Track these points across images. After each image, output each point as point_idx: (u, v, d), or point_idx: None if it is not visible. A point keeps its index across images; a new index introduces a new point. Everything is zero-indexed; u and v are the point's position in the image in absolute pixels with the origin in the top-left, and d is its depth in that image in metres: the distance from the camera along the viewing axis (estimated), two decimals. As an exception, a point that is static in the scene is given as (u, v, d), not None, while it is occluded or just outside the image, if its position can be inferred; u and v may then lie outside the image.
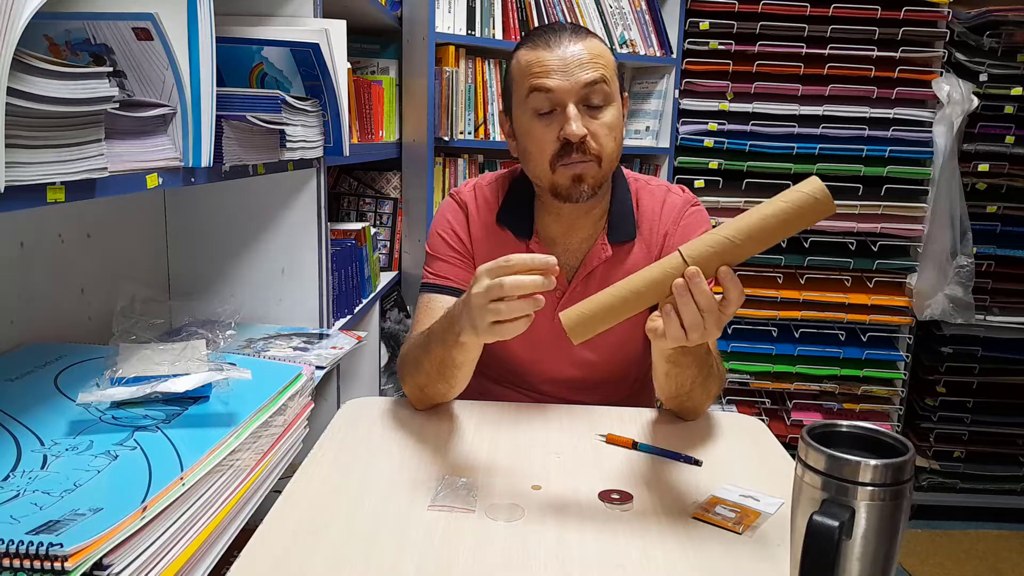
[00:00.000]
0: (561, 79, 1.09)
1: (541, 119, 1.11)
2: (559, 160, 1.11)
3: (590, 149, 1.10)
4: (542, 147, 1.12)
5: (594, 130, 1.10)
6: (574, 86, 1.08)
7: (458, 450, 1.04)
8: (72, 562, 0.60)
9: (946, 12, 2.32)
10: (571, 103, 1.08)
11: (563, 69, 1.09)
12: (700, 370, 1.05)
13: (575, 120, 1.08)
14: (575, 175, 1.11)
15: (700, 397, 1.10)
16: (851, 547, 0.64)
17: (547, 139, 1.11)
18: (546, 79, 1.09)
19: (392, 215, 2.24)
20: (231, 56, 1.25)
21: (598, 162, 1.11)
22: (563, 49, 1.10)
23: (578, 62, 1.09)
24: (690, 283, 0.82)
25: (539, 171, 1.14)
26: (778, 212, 0.83)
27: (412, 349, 1.13)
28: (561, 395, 1.26)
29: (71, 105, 0.64)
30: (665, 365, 1.03)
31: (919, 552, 2.47)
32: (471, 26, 2.23)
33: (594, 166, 1.11)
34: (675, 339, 0.85)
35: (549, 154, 1.11)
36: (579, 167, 1.10)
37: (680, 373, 1.04)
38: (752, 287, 2.45)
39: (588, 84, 1.08)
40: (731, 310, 0.85)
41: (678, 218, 1.23)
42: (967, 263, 2.36)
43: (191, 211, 1.44)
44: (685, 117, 2.46)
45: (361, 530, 0.83)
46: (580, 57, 1.09)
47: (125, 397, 0.88)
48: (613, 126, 1.12)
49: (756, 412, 2.55)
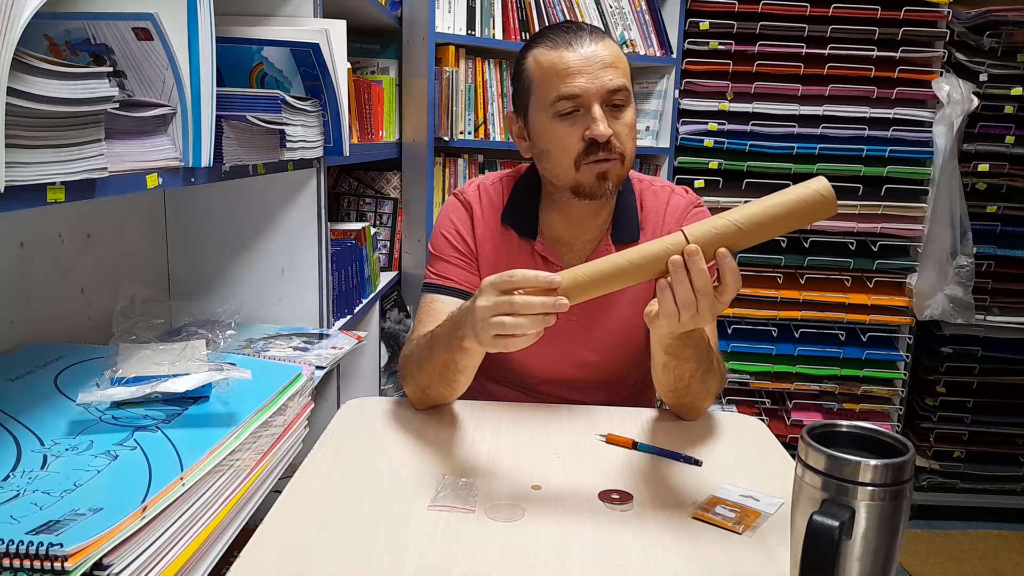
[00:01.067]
0: (587, 82, 1.09)
1: (564, 119, 1.11)
2: (584, 159, 1.11)
3: (614, 148, 1.11)
4: (567, 146, 1.11)
5: (617, 130, 1.11)
6: (600, 89, 1.09)
7: (458, 450, 1.04)
8: (72, 562, 0.60)
9: (946, 12, 2.32)
10: (596, 104, 1.09)
11: (587, 70, 1.09)
12: (699, 364, 1.05)
13: (602, 121, 1.08)
14: (600, 172, 1.12)
15: (699, 392, 1.10)
16: (851, 547, 0.64)
17: (572, 139, 1.11)
18: (573, 84, 1.09)
19: (392, 215, 2.24)
20: (231, 56, 1.25)
21: (621, 160, 1.12)
22: (585, 49, 1.10)
23: (601, 64, 1.09)
24: (688, 260, 0.83)
25: (561, 170, 1.14)
26: (784, 203, 0.84)
27: (415, 350, 1.13)
28: (561, 395, 1.26)
29: (71, 105, 0.64)
30: (663, 356, 1.02)
31: (919, 552, 2.47)
32: (471, 26, 2.23)
33: (618, 164, 1.12)
34: (667, 316, 0.86)
35: (574, 153, 1.11)
36: (605, 165, 1.11)
37: (679, 366, 1.04)
38: (752, 287, 2.45)
39: (612, 90, 1.09)
40: (726, 297, 0.85)
41: (681, 218, 1.23)
42: (967, 263, 2.36)
43: (191, 211, 1.44)
44: (685, 117, 2.46)
45: (361, 530, 0.83)
46: (603, 59, 1.10)
47: (125, 397, 0.88)
48: (633, 126, 1.14)
49: (756, 412, 2.55)
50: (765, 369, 2.52)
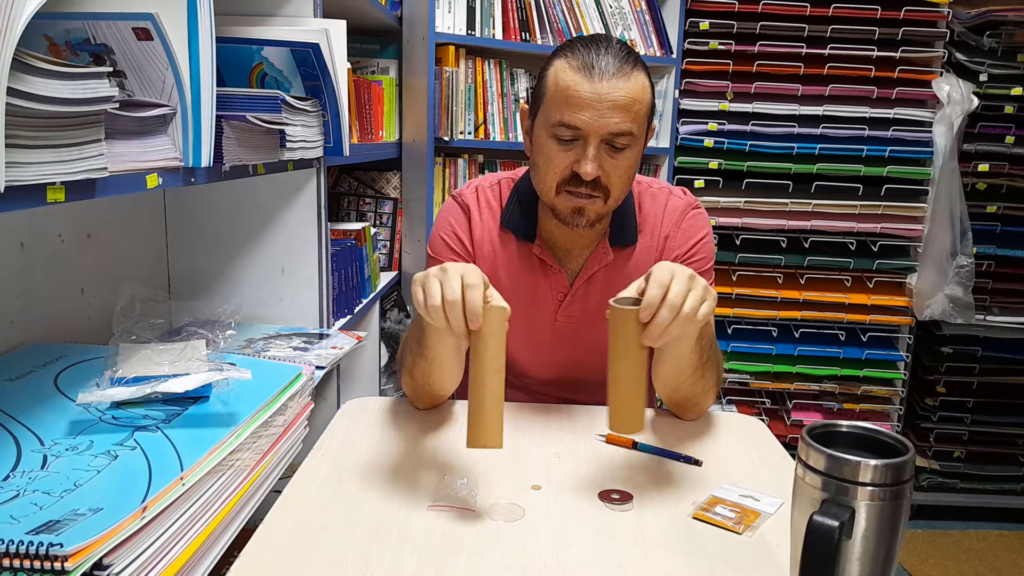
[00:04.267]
0: (591, 118, 1.04)
1: (560, 143, 1.08)
2: (565, 186, 1.09)
3: (599, 186, 1.08)
4: (554, 169, 1.09)
5: (608, 169, 1.07)
6: (601, 129, 1.04)
7: (458, 450, 1.03)
8: (72, 562, 0.60)
9: (946, 12, 2.32)
10: (593, 143, 1.05)
11: (595, 106, 1.03)
12: (699, 357, 1.06)
13: (592, 162, 1.05)
14: (576, 207, 1.10)
15: (696, 387, 1.10)
16: (851, 547, 0.64)
17: (561, 164, 1.08)
18: (577, 116, 1.04)
19: (392, 215, 2.24)
20: (231, 56, 1.25)
21: (604, 198, 1.10)
22: (602, 84, 1.03)
23: (612, 104, 1.03)
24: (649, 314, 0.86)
25: (543, 188, 1.13)
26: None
27: (403, 343, 1.15)
28: (562, 396, 1.26)
29: (71, 105, 0.64)
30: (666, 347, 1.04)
31: (919, 552, 2.47)
32: (471, 26, 2.23)
33: (599, 202, 1.10)
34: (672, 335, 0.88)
35: (558, 178, 1.09)
36: (582, 201, 1.09)
37: (679, 357, 1.05)
38: (752, 287, 2.45)
39: (614, 134, 1.05)
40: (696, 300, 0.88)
41: (679, 220, 1.23)
42: (967, 263, 2.36)
43: (191, 211, 1.44)
44: (685, 117, 2.46)
45: (361, 530, 0.83)
46: (615, 100, 1.03)
47: (125, 397, 0.88)
48: (629, 167, 1.10)
49: (756, 412, 2.55)
50: (765, 369, 2.52)
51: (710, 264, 1.23)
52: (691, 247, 1.21)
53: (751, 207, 2.41)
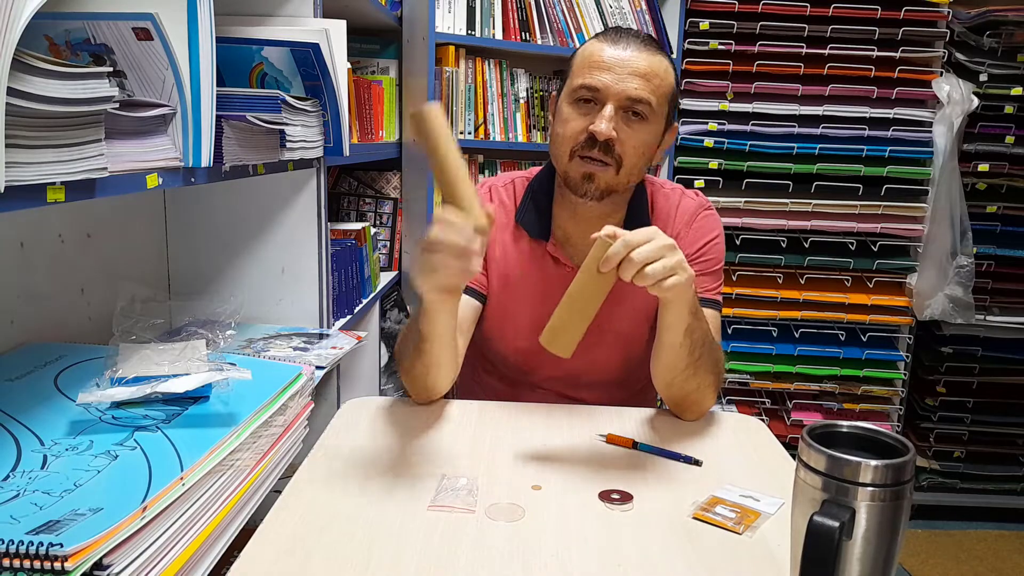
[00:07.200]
0: (611, 80, 1.08)
1: (579, 106, 1.11)
2: (579, 151, 1.11)
3: (613, 151, 1.09)
4: (569, 133, 1.11)
5: (623, 138, 1.09)
6: (620, 92, 1.08)
7: (458, 450, 1.04)
8: (72, 562, 0.60)
9: (946, 12, 2.32)
10: (611, 104, 1.08)
11: (616, 70, 1.08)
12: (698, 351, 1.07)
13: (608, 121, 1.07)
14: (587, 172, 1.11)
15: (690, 379, 1.10)
16: (851, 547, 0.64)
17: (577, 127, 1.10)
18: (598, 77, 1.08)
19: (392, 215, 2.24)
20: (231, 56, 1.25)
21: (616, 168, 1.11)
22: (624, 52, 1.09)
23: (632, 70, 1.08)
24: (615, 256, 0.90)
25: (559, 155, 1.14)
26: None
27: (401, 337, 1.16)
28: (562, 391, 1.27)
29: (71, 105, 0.64)
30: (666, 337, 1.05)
31: (919, 552, 2.47)
32: (471, 26, 2.23)
33: (611, 171, 1.11)
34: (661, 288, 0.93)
35: (573, 142, 1.11)
36: (593, 166, 1.10)
37: (677, 351, 1.06)
38: (752, 287, 2.45)
39: (632, 99, 1.08)
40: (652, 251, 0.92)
41: (691, 220, 1.24)
42: (967, 263, 2.36)
43: (191, 211, 1.44)
44: (685, 117, 2.46)
45: (361, 530, 0.83)
46: (636, 67, 1.08)
47: (125, 397, 0.88)
48: (645, 142, 1.11)
49: (756, 412, 2.55)
50: (765, 369, 2.52)
51: (719, 266, 1.24)
52: (700, 247, 1.22)
53: (751, 207, 2.41)
